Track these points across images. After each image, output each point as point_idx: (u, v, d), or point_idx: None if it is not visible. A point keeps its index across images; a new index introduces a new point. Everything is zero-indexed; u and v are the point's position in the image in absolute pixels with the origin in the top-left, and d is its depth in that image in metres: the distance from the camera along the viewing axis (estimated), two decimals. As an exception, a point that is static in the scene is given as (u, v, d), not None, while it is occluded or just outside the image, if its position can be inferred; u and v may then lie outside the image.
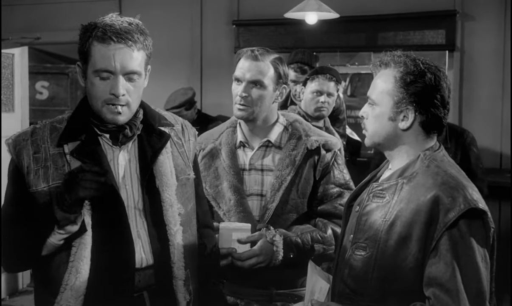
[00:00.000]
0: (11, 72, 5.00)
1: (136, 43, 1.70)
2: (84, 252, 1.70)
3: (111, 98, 1.71)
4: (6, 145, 1.77)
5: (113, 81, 1.70)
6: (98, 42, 1.68)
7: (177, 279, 1.83)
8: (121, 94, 1.70)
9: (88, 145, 1.75)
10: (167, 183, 1.83)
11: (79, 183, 1.60)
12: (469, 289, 1.49)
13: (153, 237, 1.80)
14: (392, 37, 5.09)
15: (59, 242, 1.68)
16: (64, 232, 1.66)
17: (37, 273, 1.82)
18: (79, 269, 1.69)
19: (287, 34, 5.30)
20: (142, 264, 1.78)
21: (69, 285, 1.69)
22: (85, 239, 1.70)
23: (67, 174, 1.64)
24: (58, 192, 1.63)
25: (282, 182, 2.16)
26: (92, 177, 1.61)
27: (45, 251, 1.69)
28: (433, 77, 1.62)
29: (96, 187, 1.62)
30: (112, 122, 1.75)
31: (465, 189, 1.55)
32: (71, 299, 1.69)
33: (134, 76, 1.72)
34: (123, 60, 1.69)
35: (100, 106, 1.73)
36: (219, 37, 5.62)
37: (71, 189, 1.60)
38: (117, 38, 1.67)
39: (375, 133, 1.69)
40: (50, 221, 1.64)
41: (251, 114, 2.17)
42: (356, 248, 1.66)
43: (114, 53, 1.68)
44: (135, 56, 1.71)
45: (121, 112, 1.73)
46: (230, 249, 2.07)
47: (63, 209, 1.62)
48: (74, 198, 1.61)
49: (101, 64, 1.69)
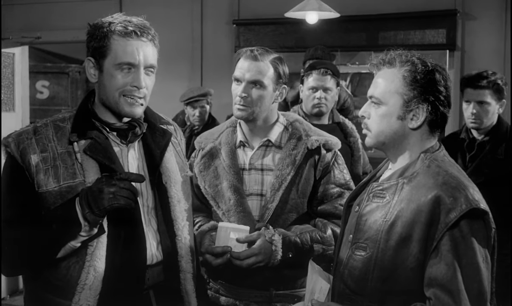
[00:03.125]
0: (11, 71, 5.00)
1: (154, 39, 1.77)
2: (101, 251, 1.70)
3: (132, 90, 1.74)
4: (4, 145, 1.74)
5: (134, 74, 1.73)
6: (120, 36, 1.72)
7: (185, 272, 1.87)
8: (143, 87, 1.74)
9: (100, 143, 1.75)
10: (174, 179, 1.87)
11: (119, 192, 1.61)
12: (470, 290, 1.48)
13: (162, 233, 1.83)
14: (392, 36, 5.09)
15: (78, 244, 1.67)
16: (86, 234, 1.66)
17: (38, 274, 1.77)
18: (97, 268, 1.69)
19: (288, 33, 5.30)
20: (152, 260, 1.80)
21: (87, 284, 1.68)
22: (102, 238, 1.70)
23: (104, 179, 1.64)
24: (91, 195, 1.62)
25: (282, 181, 2.15)
26: (130, 186, 1.64)
27: (62, 253, 1.68)
28: (441, 75, 1.62)
29: (134, 199, 1.66)
30: (130, 115, 1.77)
31: (466, 189, 1.55)
32: (90, 298, 1.69)
33: (152, 71, 1.78)
34: (145, 54, 1.74)
35: (118, 98, 1.75)
36: (219, 37, 5.62)
37: (110, 196, 1.60)
38: (140, 32, 1.73)
39: (381, 133, 1.68)
40: (71, 223, 1.63)
41: (251, 115, 2.17)
42: (356, 248, 1.66)
43: (137, 46, 1.73)
44: (153, 50, 1.77)
45: (140, 104, 1.77)
46: (225, 247, 2.06)
47: (95, 213, 1.61)
48: (114, 204, 1.61)
49: (124, 58, 1.72)
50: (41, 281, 1.76)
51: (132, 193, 1.64)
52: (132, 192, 1.64)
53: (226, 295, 2.21)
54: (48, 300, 1.73)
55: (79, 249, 1.69)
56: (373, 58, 1.73)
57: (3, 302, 4.82)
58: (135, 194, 1.66)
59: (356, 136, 3.33)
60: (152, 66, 1.77)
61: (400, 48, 1.71)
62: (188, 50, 5.69)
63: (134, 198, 1.66)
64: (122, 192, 1.61)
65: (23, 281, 1.86)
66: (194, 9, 5.69)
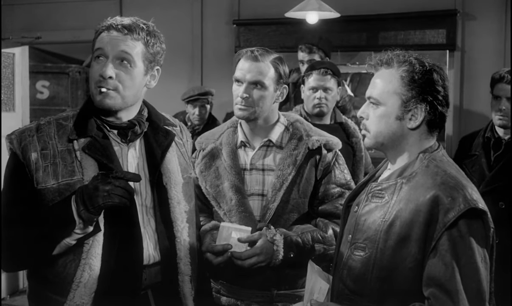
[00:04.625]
0: (11, 71, 5.01)
1: (132, 33, 1.75)
2: (97, 250, 1.70)
3: (100, 80, 1.73)
4: (8, 141, 1.75)
5: (103, 63, 1.74)
6: (103, 32, 1.76)
7: (183, 274, 1.87)
8: (107, 76, 1.72)
9: (99, 142, 1.76)
10: (175, 181, 1.87)
11: (113, 190, 1.61)
12: (468, 289, 1.48)
13: (161, 234, 1.83)
14: (393, 36, 5.08)
15: (73, 241, 1.68)
16: (81, 232, 1.66)
17: (37, 271, 1.80)
18: (92, 266, 1.69)
19: (288, 33, 5.29)
20: (149, 261, 1.79)
21: (82, 282, 1.69)
22: (98, 236, 1.71)
23: (100, 177, 1.64)
24: (86, 193, 1.62)
25: (283, 181, 2.16)
26: (126, 185, 1.64)
27: (57, 250, 1.69)
28: (439, 75, 1.62)
29: (130, 198, 1.65)
30: (100, 106, 1.76)
31: (464, 189, 1.55)
32: (85, 296, 1.69)
33: (126, 62, 1.75)
34: (114, 43, 1.73)
35: (93, 89, 1.76)
36: (219, 37, 5.62)
37: (104, 194, 1.60)
38: (117, 27, 1.74)
39: (379, 134, 1.68)
40: (66, 220, 1.63)
41: (253, 114, 2.17)
42: (355, 248, 1.66)
43: (110, 38, 1.74)
44: (129, 43, 1.75)
45: (109, 95, 1.74)
46: (226, 245, 2.06)
47: (90, 211, 1.62)
48: (108, 202, 1.61)
49: (96, 46, 1.75)
50: (40, 278, 1.77)
51: (128, 192, 1.64)
52: (128, 190, 1.64)
53: (227, 295, 2.21)
54: (47, 297, 1.75)
55: (76, 247, 1.69)
56: (371, 59, 1.73)
57: (3, 302, 4.82)
58: (131, 193, 1.66)
59: (359, 137, 3.32)
60: (123, 56, 1.74)
61: (399, 48, 1.72)
62: (188, 50, 5.68)
63: (130, 196, 1.66)
64: (117, 190, 1.62)
65: (26, 278, 1.87)
66: (194, 9, 5.68)
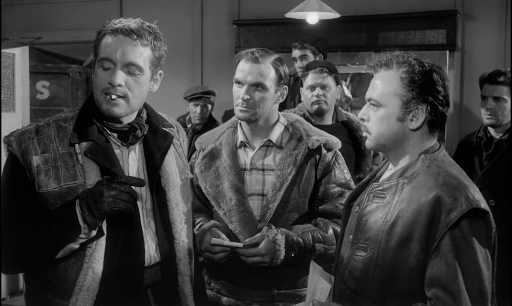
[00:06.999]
0: (11, 72, 5.00)
1: (141, 39, 1.73)
2: (99, 253, 1.70)
3: (108, 88, 1.71)
4: (6, 143, 1.73)
5: (112, 71, 1.71)
6: (108, 35, 1.72)
7: (183, 275, 1.87)
8: (117, 84, 1.70)
9: (101, 145, 1.75)
10: (173, 183, 1.87)
11: (119, 195, 1.61)
12: (471, 290, 1.48)
13: (160, 235, 1.83)
14: (393, 37, 5.08)
15: (77, 246, 1.68)
16: (85, 236, 1.66)
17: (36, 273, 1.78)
18: (95, 269, 1.69)
19: (288, 34, 5.29)
20: (150, 262, 1.80)
21: (85, 286, 1.69)
22: (101, 240, 1.70)
23: (105, 182, 1.63)
24: (91, 198, 1.62)
25: (284, 181, 2.16)
26: (130, 191, 1.64)
27: (61, 254, 1.68)
28: (439, 75, 1.62)
29: (134, 203, 1.66)
30: (108, 114, 1.74)
31: (466, 189, 1.55)
32: (88, 300, 1.69)
33: (135, 70, 1.73)
34: (124, 51, 1.70)
35: (99, 96, 1.74)
36: (219, 37, 5.61)
37: (110, 199, 1.60)
38: (124, 32, 1.71)
39: (381, 135, 1.68)
40: (71, 225, 1.63)
41: (253, 115, 2.17)
42: (357, 248, 1.66)
43: (117, 43, 1.70)
44: (138, 50, 1.72)
45: (117, 103, 1.73)
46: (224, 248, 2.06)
47: (95, 216, 1.62)
48: (113, 208, 1.61)
49: (103, 54, 1.72)
50: (40, 281, 1.76)
51: (132, 197, 1.65)
52: (132, 196, 1.65)
53: (227, 295, 2.21)
54: (47, 299, 1.74)
55: (78, 251, 1.69)
56: (370, 60, 1.73)
57: (3, 302, 4.82)
58: (135, 198, 1.67)
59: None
60: (133, 64, 1.72)
61: (399, 48, 1.71)
62: (188, 50, 5.68)
63: (134, 202, 1.66)
64: (123, 195, 1.62)
65: (23, 279, 1.86)
66: (194, 9, 5.68)
